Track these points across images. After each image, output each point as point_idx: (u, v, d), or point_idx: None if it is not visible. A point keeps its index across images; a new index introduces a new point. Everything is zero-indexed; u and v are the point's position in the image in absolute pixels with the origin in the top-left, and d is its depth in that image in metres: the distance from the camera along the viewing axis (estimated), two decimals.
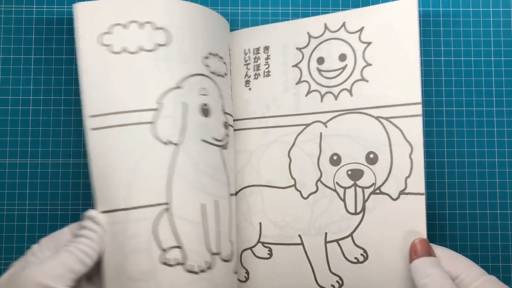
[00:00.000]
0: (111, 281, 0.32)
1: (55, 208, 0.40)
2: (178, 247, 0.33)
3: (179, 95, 0.34)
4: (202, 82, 0.35)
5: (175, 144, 0.33)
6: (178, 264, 0.32)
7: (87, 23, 0.33)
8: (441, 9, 0.41)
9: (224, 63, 0.38)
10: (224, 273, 0.35)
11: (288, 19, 0.41)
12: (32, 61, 0.41)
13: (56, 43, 0.41)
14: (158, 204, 0.33)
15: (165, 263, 0.32)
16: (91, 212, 0.32)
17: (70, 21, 0.41)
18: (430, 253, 0.33)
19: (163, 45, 0.33)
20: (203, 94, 0.35)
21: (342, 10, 0.42)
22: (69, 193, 0.40)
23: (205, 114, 0.34)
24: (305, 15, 0.42)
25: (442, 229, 0.40)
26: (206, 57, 0.35)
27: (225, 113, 0.37)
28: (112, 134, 0.32)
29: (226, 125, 0.36)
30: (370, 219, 0.35)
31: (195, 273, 0.33)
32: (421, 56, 0.35)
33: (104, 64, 0.33)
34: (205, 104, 0.35)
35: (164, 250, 0.32)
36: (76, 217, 0.40)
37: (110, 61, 0.33)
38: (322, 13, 0.41)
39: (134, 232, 0.32)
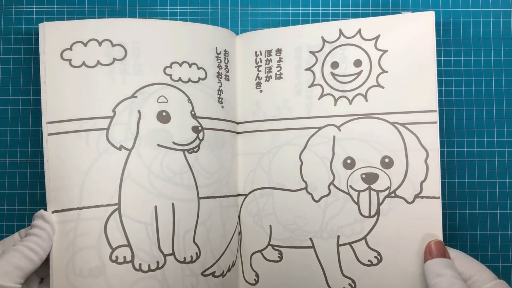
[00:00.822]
0: (59, 278, 0.33)
1: None
2: (127, 245, 0.35)
3: (133, 104, 0.36)
4: (161, 90, 0.37)
5: (128, 149, 0.35)
6: (126, 262, 0.34)
7: (51, 40, 0.36)
8: (440, 9, 0.41)
9: (201, 68, 0.38)
10: (179, 273, 0.36)
11: (298, 20, 0.42)
12: (32, 61, 0.41)
13: None
14: (109, 205, 0.35)
15: (113, 261, 0.34)
16: (40, 212, 0.34)
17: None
18: (444, 255, 0.33)
19: (119, 59, 0.36)
20: (162, 101, 0.37)
21: (352, 11, 0.42)
22: None
23: (163, 121, 0.36)
24: (315, 15, 0.42)
25: (442, 229, 0.40)
26: (168, 67, 0.37)
27: (198, 117, 0.37)
28: (68, 139, 0.35)
29: (197, 129, 0.37)
30: (384, 222, 0.36)
31: (143, 271, 0.35)
32: (439, 67, 0.36)
33: (64, 76, 0.36)
34: (163, 111, 0.36)
35: (113, 248, 0.34)
36: None
37: (69, 73, 0.36)
38: (332, 14, 0.42)
39: (85, 230, 0.34)
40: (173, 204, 0.36)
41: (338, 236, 0.36)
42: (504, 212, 0.40)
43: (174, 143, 0.36)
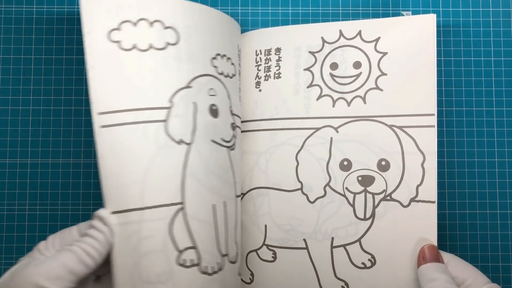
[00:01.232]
0: (124, 283, 0.31)
1: (55, 208, 0.40)
2: (193, 247, 0.32)
3: (189, 95, 0.33)
4: (211, 82, 0.35)
5: (187, 144, 0.33)
6: (193, 265, 0.32)
7: (96, 19, 0.32)
8: (441, 9, 0.41)
9: (233, 64, 0.38)
10: (231, 274, 0.35)
11: (298, 20, 0.42)
12: (32, 61, 0.41)
13: (56, 43, 0.41)
14: (173, 204, 0.32)
15: (181, 265, 0.32)
16: (100, 212, 0.31)
17: (71, 21, 0.41)
18: (438, 259, 0.33)
19: (172, 44, 0.33)
20: (212, 95, 0.34)
21: (352, 11, 0.42)
22: (69, 193, 0.40)
23: (214, 115, 0.34)
24: (315, 15, 0.42)
25: (442, 229, 0.40)
26: (214, 58, 0.35)
27: (233, 114, 0.37)
28: (124, 131, 0.31)
29: (234, 127, 0.36)
30: (379, 225, 0.36)
31: (209, 274, 0.33)
32: (439, 67, 0.36)
33: (114, 60, 0.32)
34: (213, 105, 0.34)
35: (180, 251, 0.32)
36: (76, 217, 0.40)
37: (120, 57, 0.32)
38: (332, 14, 0.42)
39: (150, 233, 0.31)
40: (224, 202, 0.35)
41: (332, 238, 0.36)
42: (504, 212, 0.40)
43: (222, 139, 0.35)
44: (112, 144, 0.31)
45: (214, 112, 0.34)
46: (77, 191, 0.40)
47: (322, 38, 0.38)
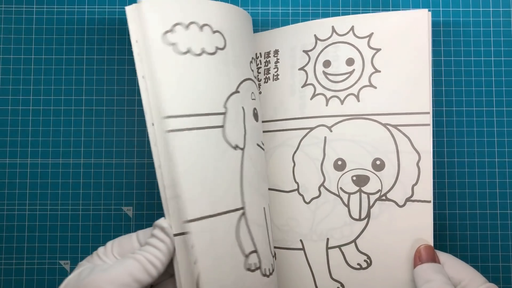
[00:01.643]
0: None
1: (55, 208, 0.40)
2: (255, 251, 0.33)
3: (238, 99, 0.34)
4: (251, 86, 0.35)
5: (241, 149, 0.33)
6: (257, 269, 0.33)
7: (154, 21, 0.31)
8: (440, 9, 0.41)
9: (259, 67, 0.38)
10: (276, 274, 0.36)
11: (298, 20, 0.41)
12: (32, 61, 0.41)
13: (56, 43, 0.41)
14: (237, 209, 0.33)
15: (248, 269, 0.32)
16: (161, 222, 0.31)
17: (70, 20, 0.41)
18: (434, 260, 0.33)
19: (221, 48, 0.33)
20: (253, 99, 0.35)
21: (352, 10, 0.42)
22: (69, 193, 0.40)
23: (256, 119, 0.35)
24: (315, 15, 0.42)
25: (442, 229, 0.40)
26: (251, 61, 0.36)
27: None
28: (190, 137, 0.31)
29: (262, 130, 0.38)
30: (375, 226, 0.35)
31: (267, 276, 0.33)
32: (433, 67, 0.36)
33: (172, 64, 0.31)
34: (255, 109, 0.35)
35: (246, 256, 0.32)
36: (76, 217, 0.40)
37: (174, 61, 0.31)
38: (332, 14, 0.41)
39: (220, 240, 0.31)
40: (268, 204, 0.36)
41: (328, 239, 0.36)
42: (504, 212, 0.40)
43: (262, 142, 0.36)
44: (182, 149, 0.30)
45: (256, 116, 0.35)
46: (77, 191, 0.40)
47: (315, 35, 0.38)
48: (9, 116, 0.41)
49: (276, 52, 0.39)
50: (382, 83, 0.36)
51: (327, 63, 0.37)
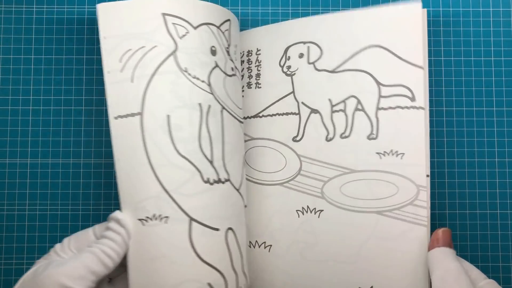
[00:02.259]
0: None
1: (55, 208, 0.40)
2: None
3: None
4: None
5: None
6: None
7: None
8: (441, 9, 0.41)
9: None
10: None
11: (288, 19, 0.41)
12: (32, 61, 0.41)
13: (56, 43, 0.41)
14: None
15: None
16: (116, 214, 0.32)
17: (70, 21, 0.41)
18: (451, 245, 0.33)
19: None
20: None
21: (343, 10, 0.41)
22: (69, 193, 0.40)
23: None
24: (305, 15, 0.42)
25: None
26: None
27: None
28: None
29: None
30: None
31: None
32: (429, 57, 0.36)
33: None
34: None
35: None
36: (75, 217, 0.40)
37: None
38: (322, 13, 0.41)
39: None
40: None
41: None
42: (504, 212, 0.40)
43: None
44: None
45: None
46: (77, 191, 0.40)
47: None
48: (9, 116, 0.41)
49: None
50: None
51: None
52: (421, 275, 0.34)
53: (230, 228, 0.34)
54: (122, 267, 0.32)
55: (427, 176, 0.34)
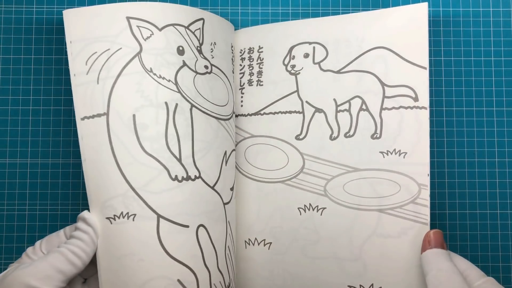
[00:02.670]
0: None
1: (55, 208, 0.40)
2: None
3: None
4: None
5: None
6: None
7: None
8: (441, 9, 0.41)
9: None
10: None
11: (288, 19, 0.41)
12: (32, 61, 0.41)
13: (56, 43, 0.41)
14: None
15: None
16: (84, 214, 0.33)
17: None
18: (443, 246, 0.33)
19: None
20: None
21: (353, 10, 0.41)
22: (69, 193, 0.40)
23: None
24: (305, 15, 0.42)
25: (442, 229, 0.40)
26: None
27: None
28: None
29: None
30: None
31: None
32: (430, 57, 0.36)
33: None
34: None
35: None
36: (75, 217, 0.40)
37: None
38: (333, 13, 0.41)
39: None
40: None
41: None
42: (504, 212, 0.40)
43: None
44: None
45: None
46: (77, 191, 0.40)
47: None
48: (9, 116, 0.41)
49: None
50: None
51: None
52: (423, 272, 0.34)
53: (201, 225, 0.34)
54: (96, 267, 0.32)
55: (427, 175, 0.35)
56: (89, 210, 0.33)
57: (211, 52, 0.37)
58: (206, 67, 0.36)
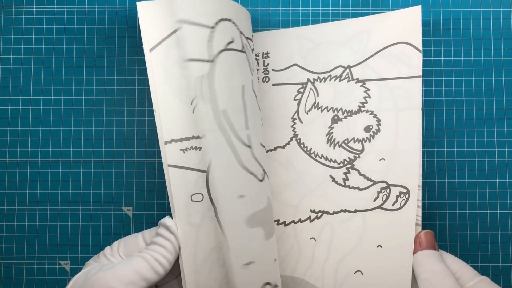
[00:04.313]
0: None
1: (55, 208, 0.40)
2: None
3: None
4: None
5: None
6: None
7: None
8: (441, 9, 0.41)
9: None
10: None
11: (298, 20, 0.41)
12: (32, 61, 0.41)
13: (56, 43, 0.41)
14: None
15: None
16: (166, 220, 0.32)
17: (70, 20, 0.41)
18: (434, 247, 0.33)
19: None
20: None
21: (353, 10, 0.42)
22: (69, 193, 0.40)
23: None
24: (315, 15, 0.42)
25: (442, 229, 0.40)
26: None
27: None
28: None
29: None
30: None
31: None
32: (430, 57, 0.36)
33: None
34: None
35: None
36: (75, 217, 0.40)
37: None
38: (332, 14, 0.41)
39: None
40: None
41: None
42: (504, 212, 0.40)
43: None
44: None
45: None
46: (77, 191, 0.40)
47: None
48: (9, 116, 0.41)
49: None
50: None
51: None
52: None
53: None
54: (168, 275, 0.32)
55: (419, 175, 0.35)
56: (170, 216, 0.32)
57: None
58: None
